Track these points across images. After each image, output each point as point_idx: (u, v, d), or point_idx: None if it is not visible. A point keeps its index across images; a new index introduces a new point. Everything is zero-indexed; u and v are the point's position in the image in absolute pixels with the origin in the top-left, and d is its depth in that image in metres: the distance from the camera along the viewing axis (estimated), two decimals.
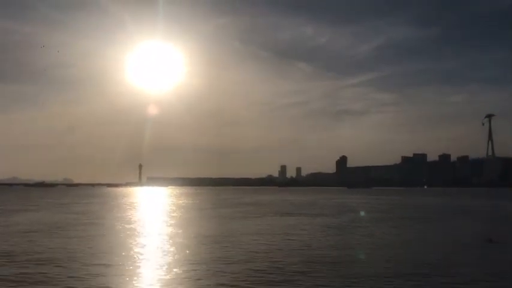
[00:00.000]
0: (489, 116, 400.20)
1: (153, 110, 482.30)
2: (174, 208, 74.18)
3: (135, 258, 24.03)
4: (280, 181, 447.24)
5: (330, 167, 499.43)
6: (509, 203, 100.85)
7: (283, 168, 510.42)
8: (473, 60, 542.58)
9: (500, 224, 47.88)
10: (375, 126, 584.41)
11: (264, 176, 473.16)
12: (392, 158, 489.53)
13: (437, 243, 31.55)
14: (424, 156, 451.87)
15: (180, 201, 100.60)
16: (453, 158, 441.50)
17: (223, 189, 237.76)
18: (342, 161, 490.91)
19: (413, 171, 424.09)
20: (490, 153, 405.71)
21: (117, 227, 40.40)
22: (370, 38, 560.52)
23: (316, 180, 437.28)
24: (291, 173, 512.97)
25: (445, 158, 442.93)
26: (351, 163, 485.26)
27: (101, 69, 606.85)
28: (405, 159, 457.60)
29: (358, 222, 48.81)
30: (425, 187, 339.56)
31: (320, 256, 24.75)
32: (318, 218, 52.48)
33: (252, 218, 53.29)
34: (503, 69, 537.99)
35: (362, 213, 61.83)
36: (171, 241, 31.07)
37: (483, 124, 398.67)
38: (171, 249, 27.40)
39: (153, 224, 47.70)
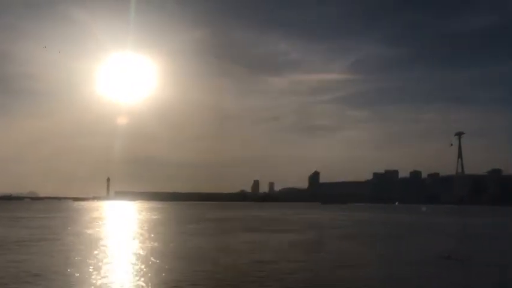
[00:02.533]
0: (459, 134, 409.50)
1: (122, 122, 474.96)
2: (138, 224, 72.14)
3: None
4: (253, 196, 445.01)
5: (303, 183, 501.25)
6: (476, 220, 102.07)
7: (256, 183, 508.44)
8: (444, 79, 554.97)
9: (462, 241, 47.95)
10: (347, 142, 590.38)
11: (236, 191, 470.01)
12: (364, 174, 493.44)
13: (396, 261, 31.12)
14: (395, 172, 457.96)
15: (146, 217, 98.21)
16: (424, 174, 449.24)
17: (194, 205, 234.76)
18: (315, 177, 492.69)
19: (385, 188, 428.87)
20: (459, 170, 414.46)
21: (71, 244, 38.51)
22: (342, 55, 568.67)
23: (289, 196, 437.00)
24: (263, 188, 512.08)
25: (416, 174, 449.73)
26: (323, 179, 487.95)
27: (69, 81, 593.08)
28: (377, 176, 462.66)
29: (327, 238, 48.15)
30: (397, 203, 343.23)
31: (275, 275, 23.77)
32: (286, 234, 51.60)
33: (216, 234, 52.04)
34: (473, 88, 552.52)
35: (331, 230, 61.29)
36: (125, 259, 29.64)
37: (451, 145, 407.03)
38: (123, 267, 25.99)
39: (109, 240, 45.83)
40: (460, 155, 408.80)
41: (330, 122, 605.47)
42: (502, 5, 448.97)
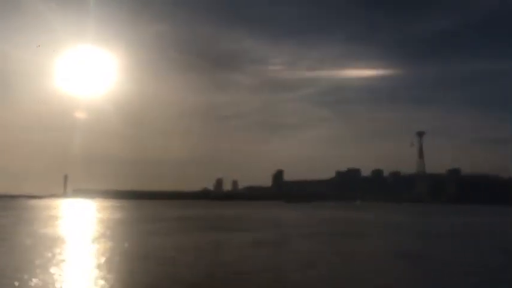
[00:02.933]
0: (420, 134, 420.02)
1: (81, 117, 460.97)
2: (96, 223, 70.11)
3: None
4: (216, 194, 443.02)
5: (267, 181, 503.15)
6: (435, 219, 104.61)
7: (219, 181, 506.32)
8: (406, 78, 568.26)
9: (422, 239, 48.76)
10: (311, 140, 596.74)
11: (199, 189, 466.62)
12: (327, 172, 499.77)
13: (360, 258, 31.34)
14: (357, 171, 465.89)
15: (106, 216, 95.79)
16: (386, 173, 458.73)
17: (155, 203, 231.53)
18: (279, 175, 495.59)
19: (347, 186, 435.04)
20: (420, 169, 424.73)
21: (23, 244, 36.76)
22: (308, 53, 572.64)
23: (253, 194, 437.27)
24: (227, 186, 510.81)
25: (377, 173, 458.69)
26: (287, 177, 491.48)
27: (24, 74, 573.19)
28: (340, 174, 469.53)
29: (289, 237, 47.97)
30: (358, 202, 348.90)
31: (234, 275, 23.21)
32: (249, 233, 51.15)
33: (177, 233, 51.06)
34: (434, 89, 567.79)
35: (294, 228, 61.30)
36: (81, 259, 28.42)
37: (412, 144, 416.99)
38: (79, 268, 24.82)
39: (65, 240, 44.13)
40: (421, 154, 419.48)
41: (294, 120, 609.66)
42: (464, 6, 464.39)
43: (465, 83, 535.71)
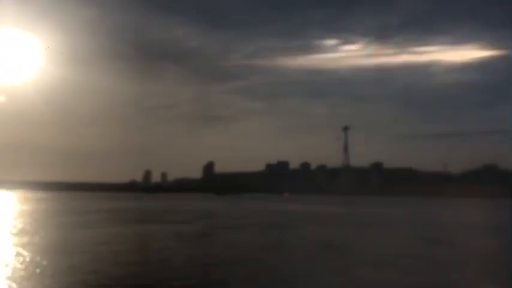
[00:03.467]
0: (346, 128, 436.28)
1: (0, 103, 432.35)
2: (16, 215, 66.52)
3: None
4: (144, 186, 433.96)
5: (197, 173, 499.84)
6: (359, 209, 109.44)
7: (147, 173, 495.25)
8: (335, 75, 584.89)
9: (345, 230, 50.90)
10: (242, 132, 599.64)
11: (126, 180, 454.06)
12: (257, 164, 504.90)
13: (287, 248, 32.21)
14: (286, 164, 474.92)
15: (27, 208, 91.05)
16: (313, 166, 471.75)
17: (80, 195, 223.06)
18: (209, 167, 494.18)
19: (276, 179, 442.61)
20: (345, 162, 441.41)
21: None
22: (241, 45, 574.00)
23: (183, 186, 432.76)
24: (155, 178, 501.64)
25: (305, 166, 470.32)
26: (218, 169, 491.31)
27: None
28: (270, 167, 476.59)
29: (218, 229, 48.26)
30: (287, 194, 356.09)
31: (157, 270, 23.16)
32: (177, 226, 50.81)
33: (103, 226, 49.68)
34: (359, 85, 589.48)
35: (224, 220, 61.66)
36: None
37: (338, 139, 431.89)
38: None
39: None
40: (346, 148, 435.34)
41: (226, 112, 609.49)
42: (388, 5, 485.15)
43: (388, 80, 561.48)
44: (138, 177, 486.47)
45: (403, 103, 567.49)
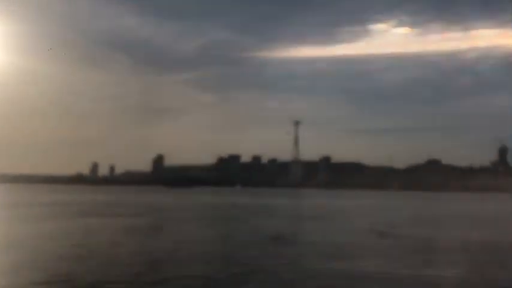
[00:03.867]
0: (296, 123, 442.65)
1: None
2: None
3: None
4: (91, 179, 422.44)
5: (146, 166, 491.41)
6: (308, 202, 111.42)
7: (94, 166, 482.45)
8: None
9: (293, 222, 51.71)
10: (193, 125, 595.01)
11: (72, 173, 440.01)
12: (209, 157, 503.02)
13: (234, 241, 32.44)
14: (238, 157, 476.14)
15: None
16: (264, 160, 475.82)
17: (24, 187, 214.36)
18: (159, 160, 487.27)
19: (228, 172, 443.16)
20: (295, 156, 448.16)
21: None
22: (193, 36, 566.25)
23: (132, 179, 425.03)
24: (103, 170, 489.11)
25: (257, 159, 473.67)
26: (168, 162, 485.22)
27: None
28: (221, 160, 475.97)
29: (167, 222, 47.78)
30: (239, 187, 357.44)
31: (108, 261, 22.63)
32: (125, 219, 49.86)
33: (47, 220, 47.97)
34: (311, 79, 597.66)
35: (174, 213, 61.09)
36: None
37: (288, 133, 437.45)
38: None
39: None
40: (296, 142, 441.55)
41: (177, 104, 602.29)
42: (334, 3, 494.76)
43: (339, 74, 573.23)
44: (85, 170, 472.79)
45: (352, 98, 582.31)
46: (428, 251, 29.84)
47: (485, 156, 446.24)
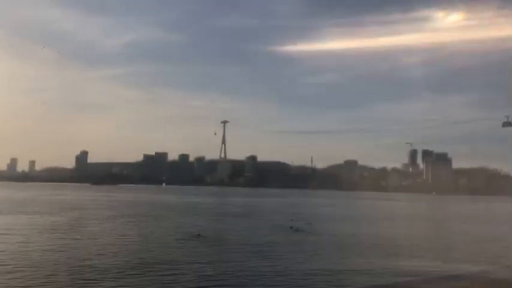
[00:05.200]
0: (224, 122, 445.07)
1: None
2: None
3: None
4: (10, 176, 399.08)
5: (69, 162, 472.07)
6: (233, 200, 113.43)
7: (13, 162, 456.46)
8: (215, 70, 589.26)
9: (217, 219, 53.31)
10: (118, 122, 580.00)
11: None
12: (134, 155, 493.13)
13: (155, 239, 33.12)
14: (165, 155, 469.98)
15: None
16: (191, 158, 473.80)
17: None
18: (83, 156, 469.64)
19: (154, 169, 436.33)
20: (222, 155, 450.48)
21: None
22: (119, 32, 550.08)
23: (53, 176, 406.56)
24: (23, 166, 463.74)
25: (184, 157, 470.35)
26: (92, 159, 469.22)
27: None
28: (147, 157, 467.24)
29: (84, 220, 47.42)
30: (165, 185, 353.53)
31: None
32: (43, 217, 48.97)
33: None
34: (238, 81, 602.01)
35: (95, 211, 60.52)
36: None
37: (215, 134, 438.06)
38: None
39: None
40: (224, 141, 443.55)
41: (103, 100, 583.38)
42: (266, 6, 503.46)
43: (267, 78, 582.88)
44: (3, 166, 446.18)
45: (277, 100, 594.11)
46: (338, 246, 32.53)
47: (397, 158, 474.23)
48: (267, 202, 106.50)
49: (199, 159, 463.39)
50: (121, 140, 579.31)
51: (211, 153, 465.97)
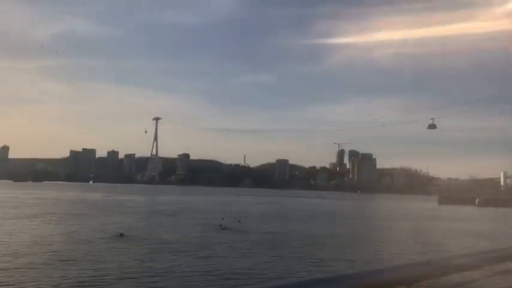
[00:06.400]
0: (156, 119, 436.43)
1: None
2: None
3: None
4: None
5: None
6: (163, 198, 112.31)
7: None
8: (146, 65, 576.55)
9: (144, 218, 52.64)
10: (44, 116, 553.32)
11: None
12: (60, 151, 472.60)
13: (75, 238, 32.31)
14: (93, 151, 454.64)
15: None
16: (121, 155, 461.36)
17: None
18: (3, 152, 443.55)
19: (81, 167, 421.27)
20: (154, 153, 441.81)
21: None
22: (48, 23, 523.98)
23: None
24: None
25: (113, 154, 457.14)
26: (13, 154, 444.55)
27: None
28: (74, 154, 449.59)
29: (3, 219, 45.35)
30: (92, 182, 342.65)
31: None
32: None
33: None
34: (173, 78, 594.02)
35: (15, 209, 57.84)
36: None
37: (146, 131, 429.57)
38: None
39: None
40: (155, 139, 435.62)
41: (27, 93, 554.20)
42: (202, 4, 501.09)
43: (204, 75, 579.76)
44: None
45: (212, 98, 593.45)
46: (263, 243, 33.36)
47: (327, 158, 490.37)
48: (198, 201, 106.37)
49: (130, 157, 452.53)
50: (46, 136, 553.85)
51: (143, 151, 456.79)
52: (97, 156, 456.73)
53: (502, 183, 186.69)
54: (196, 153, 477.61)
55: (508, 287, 4.67)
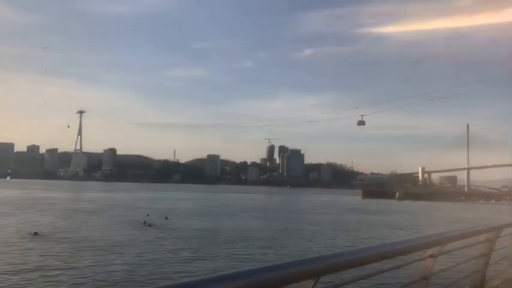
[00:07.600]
0: (81, 112, 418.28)
1: None
2: None
3: None
4: None
5: None
6: (87, 195, 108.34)
7: None
8: (73, 56, 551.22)
9: (63, 216, 50.19)
10: None
11: None
12: None
13: None
14: (11, 145, 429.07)
15: None
16: (42, 150, 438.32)
17: None
18: None
19: None
20: (78, 147, 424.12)
21: None
22: None
23: None
24: None
25: (33, 149, 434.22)
26: None
27: None
28: None
29: None
30: (9, 178, 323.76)
31: None
32: None
33: None
34: (99, 69, 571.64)
35: None
36: None
37: (68, 126, 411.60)
38: None
39: None
40: (80, 133, 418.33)
41: None
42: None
43: (131, 67, 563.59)
44: None
45: (141, 91, 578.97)
46: (187, 239, 33.19)
47: (257, 154, 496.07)
48: (124, 197, 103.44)
49: (51, 151, 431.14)
50: None
51: (66, 145, 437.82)
52: (15, 150, 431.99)
53: (420, 177, 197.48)
54: (124, 148, 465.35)
55: (407, 280, 4.87)
